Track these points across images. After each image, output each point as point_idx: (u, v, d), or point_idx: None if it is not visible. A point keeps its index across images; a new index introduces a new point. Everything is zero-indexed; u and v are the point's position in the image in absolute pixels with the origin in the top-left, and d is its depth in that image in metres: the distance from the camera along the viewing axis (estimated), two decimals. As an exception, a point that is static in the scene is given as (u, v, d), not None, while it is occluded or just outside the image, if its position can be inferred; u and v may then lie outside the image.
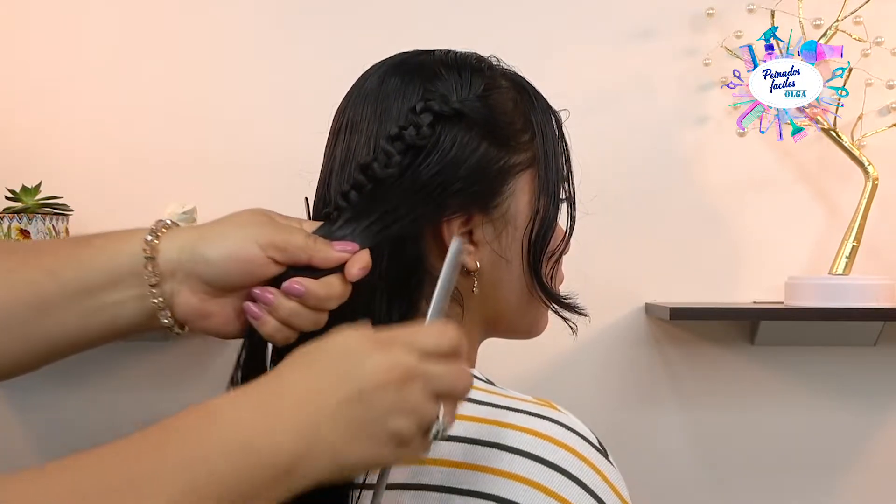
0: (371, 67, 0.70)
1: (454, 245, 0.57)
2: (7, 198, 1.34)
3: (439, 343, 0.51)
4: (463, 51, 0.70)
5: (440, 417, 0.51)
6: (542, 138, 0.69)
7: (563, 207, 0.71)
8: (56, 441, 1.47)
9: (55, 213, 1.34)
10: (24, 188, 1.34)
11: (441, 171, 0.63)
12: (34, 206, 1.32)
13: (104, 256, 0.57)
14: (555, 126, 0.71)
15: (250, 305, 0.57)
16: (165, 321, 0.58)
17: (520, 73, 0.72)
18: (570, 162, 0.72)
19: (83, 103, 1.47)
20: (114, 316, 0.57)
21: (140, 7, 1.47)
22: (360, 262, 0.58)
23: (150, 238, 0.57)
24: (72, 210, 1.36)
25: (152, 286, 0.56)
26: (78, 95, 1.47)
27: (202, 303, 0.57)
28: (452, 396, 0.52)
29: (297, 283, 0.56)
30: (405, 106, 0.64)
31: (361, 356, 0.49)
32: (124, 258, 0.57)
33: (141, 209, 1.38)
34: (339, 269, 0.58)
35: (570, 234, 0.72)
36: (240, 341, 0.62)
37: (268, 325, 0.57)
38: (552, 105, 0.72)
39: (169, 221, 0.59)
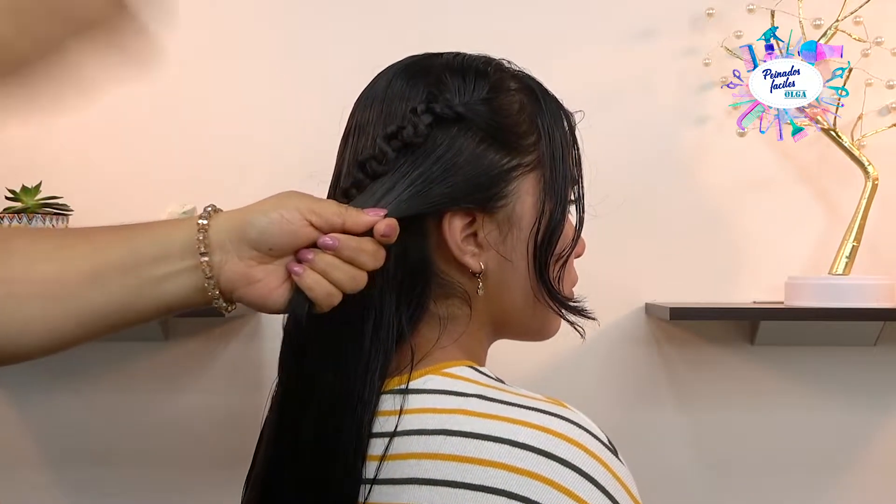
0: (382, 71, 0.71)
1: None
2: (7, 198, 1.34)
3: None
4: (472, 53, 0.71)
5: None
6: (549, 141, 0.69)
7: (573, 210, 0.71)
8: (56, 441, 1.46)
9: (55, 213, 1.34)
10: (24, 188, 1.34)
11: (438, 170, 0.64)
12: (34, 206, 1.33)
13: (157, 235, 0.63)
14: (566, 128, 0.71)
15: (292, 263, 0.61)
16: (211, 293, 0.61)
17: (531, 75, 0.72)
18: (580, 165, 0.72)
19: (83, 103, 1.46)
20: (162, 291, 0.61)
21: (140, 7, 1.47)
22: (388, 221, 0.62)
23: (202, 220, 0.63)
24: (72, 210, 1.36)
25: (202, 254, 0.61)
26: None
27: (249, 268, 0.61)
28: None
29: (331, 236, 0.61)
30: (408, 108, 0.66)
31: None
32: (178, 234, 0.62)
33: (141, 209, 1.37)
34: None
35: (578, 236, 0.72)
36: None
37: (307, 278, 0.60)
38: (566, 107, 0.72)
39: (215, 207, 0.65)
